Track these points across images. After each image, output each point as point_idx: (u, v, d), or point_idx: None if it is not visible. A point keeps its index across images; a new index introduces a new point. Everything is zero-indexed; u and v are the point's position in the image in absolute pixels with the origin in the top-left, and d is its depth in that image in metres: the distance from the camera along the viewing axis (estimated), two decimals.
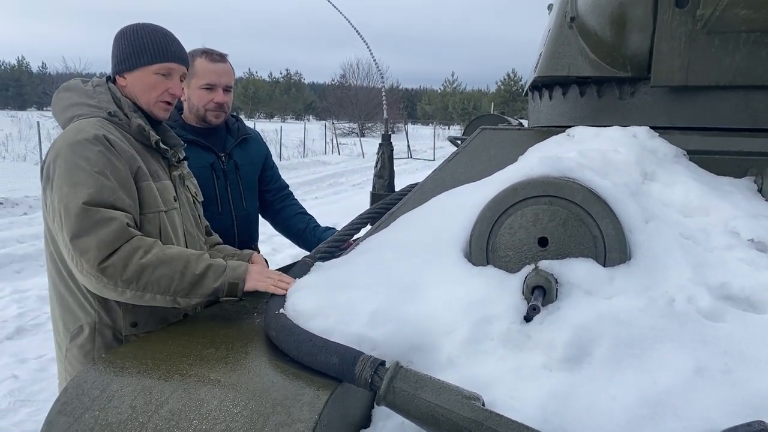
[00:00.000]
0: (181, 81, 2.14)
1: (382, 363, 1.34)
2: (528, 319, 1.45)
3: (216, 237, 2.49)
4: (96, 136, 1.86)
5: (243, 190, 2.89)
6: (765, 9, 1.81)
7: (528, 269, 1.57)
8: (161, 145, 2.07)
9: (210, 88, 2.71)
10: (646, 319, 1.44)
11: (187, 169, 2.31)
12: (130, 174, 1.91)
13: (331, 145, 31.47)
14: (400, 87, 67.93)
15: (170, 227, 2.04)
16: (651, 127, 2.17)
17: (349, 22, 3.25)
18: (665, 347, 1.38)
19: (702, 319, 1.46)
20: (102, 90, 2.06)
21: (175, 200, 2.11)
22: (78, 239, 1.75)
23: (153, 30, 2.09)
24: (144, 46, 2.05)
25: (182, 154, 2.26)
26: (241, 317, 1.85)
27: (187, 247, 2.14)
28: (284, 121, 62.00)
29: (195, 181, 2.38)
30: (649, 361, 1.35)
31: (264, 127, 31.02)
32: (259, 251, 2.75)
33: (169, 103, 2.12)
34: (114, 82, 2.11)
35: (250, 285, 1.84)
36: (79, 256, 1.75)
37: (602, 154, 1.94)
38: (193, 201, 2.28)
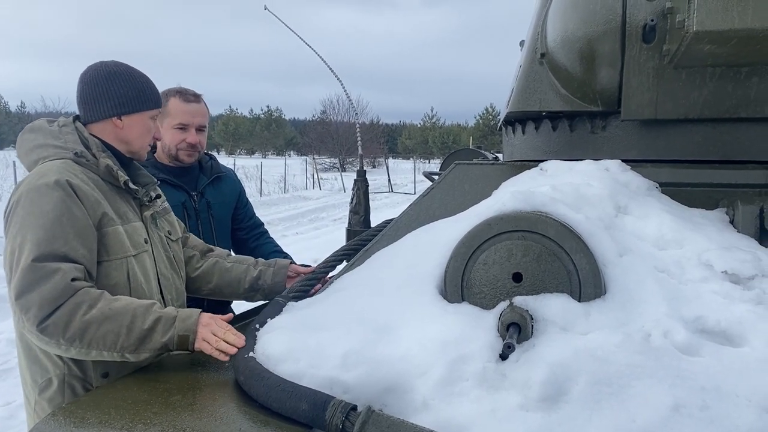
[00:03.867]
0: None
1: (354, 408, 1.30)
2: (503, 357, 1.42)
3: (220, 251, 2.48)
4: (57, 181, 1.82)
5: (215, 229, 2.86)
6: (728, 44, 1.84)
7: (503, 305, 1.55)
8: (130, 185, 2.02)
9: (182, 128, 2.70)
10: (622, 355, 1.41)
11: (162, 206, 2.26)
12: (90, 221, 1.85)
13: (312, 180, 31.51)
14: (380, 122, 68.49)
15: (140, 271, 1.99)
16: (623, 161, 2.18)
17: (322, 59, 3.26)
18: (643, 384, 1.35)
19: (679, 354, 1.44)
20: (68, 130, 2.01)
21: (146, 242, 2.06)
22: (22, 296, 1.71)
23: (141, 73, 2.09)
24: (143, 90, 2.06)
25: (155, 193, 2.22)
26: (209, 360, 1.79)
27: (161, 289, 2.09)
28: (265, 157, 62.14)
29: (172, 218, 2.32)
30: (627, 399, 1.32)
31: (245, 163, 31.05)
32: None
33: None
34: (83, 122, 2.06)
35: (197, 344, 1.76)
36: (22, 314, 1.71)
37: (575, 188, 1.94)
38: (167, 240, 2.22)
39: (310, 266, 2.51)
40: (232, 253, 2.53)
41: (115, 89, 2.01)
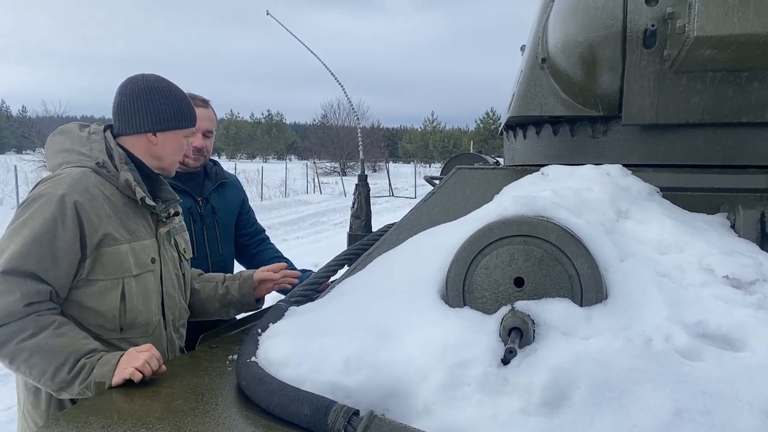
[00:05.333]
0: None
1: (356, 412, 1.30)
2: (505, 362, 1.42)
3: (194, 270, 2.45)
4: (62, 197, 1.83)
5: (219, 235, 2.86)
6: (729, 49, 1.85)
7: (504, 310, 1.55)
8: (147, 201, 2.02)
9: None
10: (624, 359, 1.41)
11: (179, 224, 2.26)
12: (77, 245, 1.85)
13: (312, 185, 31.52)
14: (381, 126, 68.53)
15: (139, 292, 1.98)
16: (624, 165, 2.19)
17: (323, 64, 3.28)
18: (644, 389, 1.35)
19: (680, 358, 1.44)
20: (97, 138, 2.03)
21: (153, 261, 2.05)
22: None
23: (180, 91, 2.12)
24: (181, 108, 2.08)
25: (175, 210, 2.20)
26: (212, 365, 1.80)
27: (163, 309, 2.08)
28: (266, 161, 62.19)
29: (187, 236, 2.32)
30: (629, 404, 1.32)
31: (245, 168, 31.06)
32: None
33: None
34: (115, 133, 2.06)
35: (116, 380, 1.69)
36: None
37: (576, 193, 1.94)
38: (180, 259, 2.21)
39: (282, 263, 2.50)
40: (204, 273, 2.51)
41: (153, 105, 2.02)
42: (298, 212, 19.55)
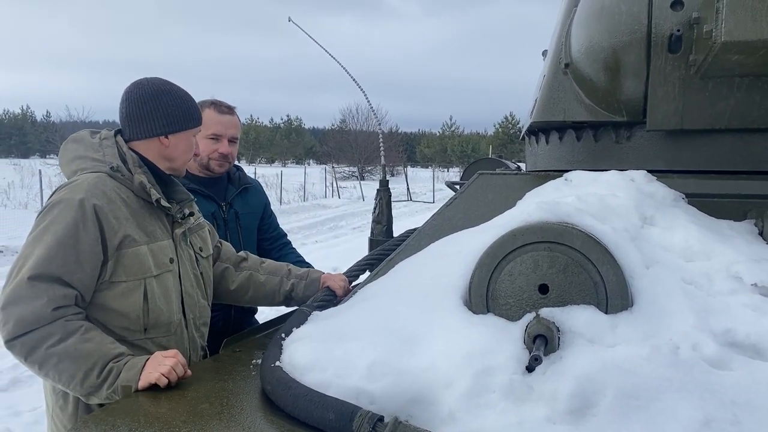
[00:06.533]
0: None
1: (381, 418, 1.30)
2: (530, 369, 1.42)
3: (253, 260, 2.51)
4: (82, 201, 1.86)
5: (242, 239, 2.89)
6: (757, 54, 1.83)
7: (529, 317, 1.54)
8: (162, 203, 2.04)
9: (215, 138, 2.75)
10: (651, 368, 1.40)
11: (196, 223, 2.27)
12: (99, 247, 1.88)
13: (331, 189, 31.62)
14: (399, 131, 68.62)
15: (160, 292, 2.01)
16: (648, 171, 2.17)
17: (345, 69, 3.29)
18: (672, 398, 1.34)
19: (708, 367, 1.42)
20: (108, 143, 2.05)
21: (172, 262, 2.07)
22: (6, 308, 1.78)
23: (184, 91, 2.14)
24: (188, 109, 2.10)
25: (189, 210, 2.22)
26: (236, 369, 1.81)
27: (183, 308, 2.11)
28: (285, 166, 62.49)
29: (204, 234, 2.33)
30: (656, 413, 1.31)
31: (265, 172, 31.25)
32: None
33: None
34: (126, 139, 2.08)
35: (142, 384, 1.71)
36: (1, 326, 1.79)
37: (600, 199, 1.93)
38: (196, 258, 2.23)
39: (341, 274, 2.51)
40: (266, 261, 2.55)
41: (162, 108, 2.05)
42: (317, 216, 19.62)
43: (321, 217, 19.28)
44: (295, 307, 2.36)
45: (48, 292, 1.78)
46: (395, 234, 3.00)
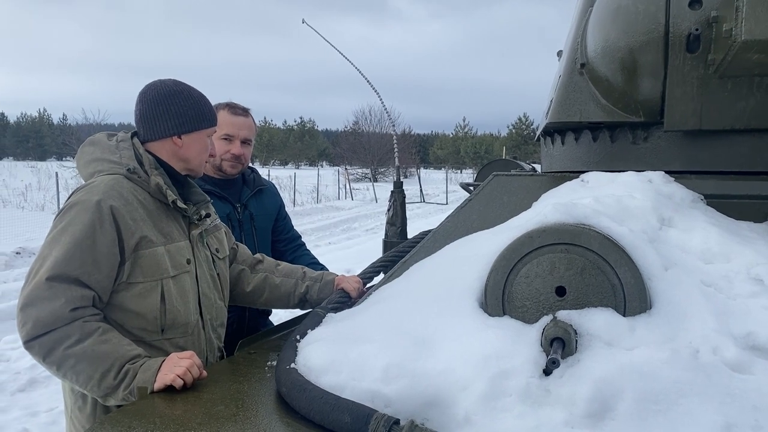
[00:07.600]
0: None
1: (397, 421, 1.30)
2: (547, 372, 1.40)
3: (269, 262, 2.52)
4: (99, 202, 1.87)
5: (257, 241, 2.89)
6: None
7: (546, 320, 1.52)
8: (179, 204, 2.05)
9: (228, 138, 2.76)
10: (670, 371, 1.38)
11: (213, 224, 2.28)
12: (116, 248, 1.89)
13: (344, 191, 31.65)
14: (412, 132, 68.52)
15: (177, 292, 2.01)
16: (666, 172, 2.14)
17: (359, 71, 3.29)
18: (692, 402, 1.32)
19: (729, 371, 1.40)
20: (125, 146, 2.07)
21: (189, 262, 2.08)
22: (25, 309, 1.80)
23: (198, 92, 2.15)
24: (201, 109, 2.11)
25: (206, 211, 2.23)
26: (251, 371, 1.81)
27: (200, 309, 2.11)
28: (298, 168, 62.74)
29: (221, 235, 2.34)
30: (676, 417, 1.29)
31: (278, 174, 31.36)
32: None
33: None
34: (141, 140, 2.10)
35: (158, 385, 1.72)
36: (18, 326, 1.80)
37: (618, 200, 1.91)
38: (213, 259, 2.24)
39: (355, 276, 2.51)
40: (281, 263, 2.55)
41: (175, 109, 2.06)
42: (330, 218, 19.64)
43: (334, 219, 19.30)
44: (310, 309, 2.37)
45: (66, 293, 1.80)
46: (409, 236, 2.99)
